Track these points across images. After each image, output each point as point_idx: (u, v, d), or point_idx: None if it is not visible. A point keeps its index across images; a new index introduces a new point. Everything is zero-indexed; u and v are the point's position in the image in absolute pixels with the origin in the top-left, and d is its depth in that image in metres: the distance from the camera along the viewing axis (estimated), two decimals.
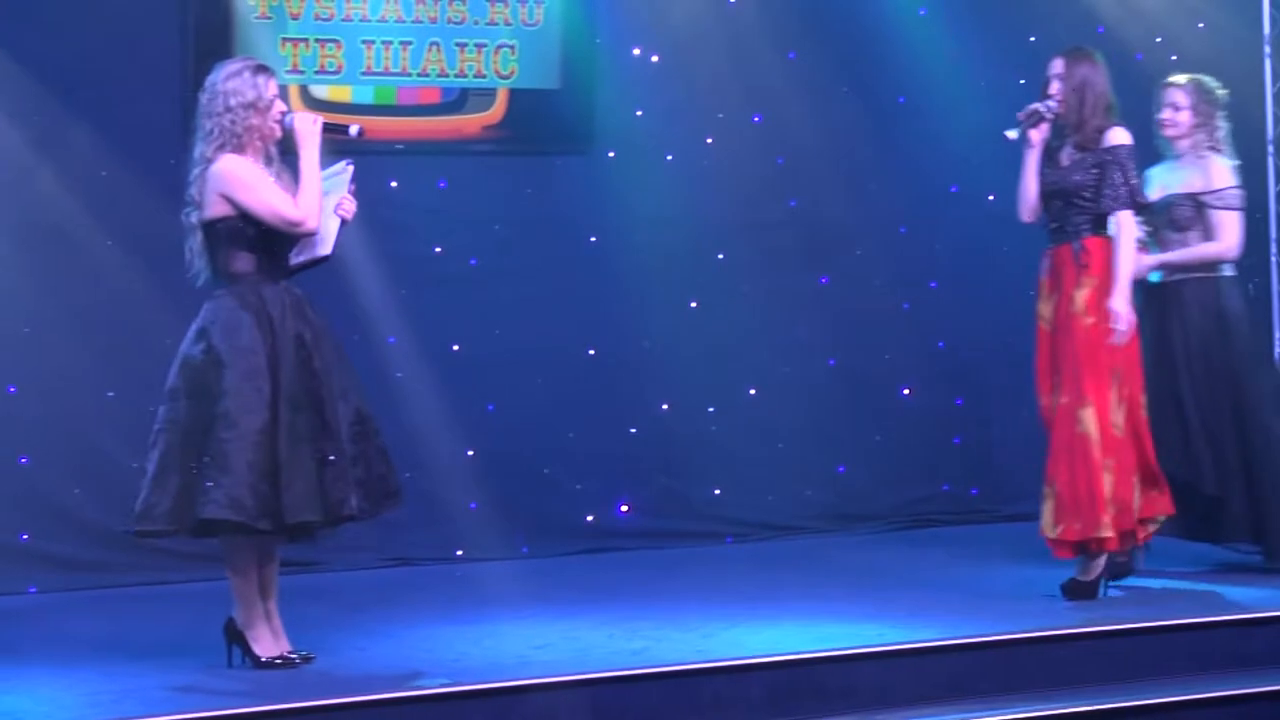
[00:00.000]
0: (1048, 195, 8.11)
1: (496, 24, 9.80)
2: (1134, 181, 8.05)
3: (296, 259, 7.16)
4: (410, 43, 9.68)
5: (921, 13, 10.55)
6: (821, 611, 7.94)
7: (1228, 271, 8.71)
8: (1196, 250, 8.63)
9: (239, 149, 6.95)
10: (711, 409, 10.09)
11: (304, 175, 7.00)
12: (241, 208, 6.91)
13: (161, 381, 7.06)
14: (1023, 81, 10.59)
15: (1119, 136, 8.06)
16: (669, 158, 9.96)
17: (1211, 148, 8.70)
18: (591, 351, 9.74)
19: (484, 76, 9.74)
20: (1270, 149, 11.17)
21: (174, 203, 7.10)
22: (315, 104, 9.51)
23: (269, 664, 7.02)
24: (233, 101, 6.95)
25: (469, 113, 9.77)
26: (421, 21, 9.70)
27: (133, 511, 6.95)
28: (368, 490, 7.07)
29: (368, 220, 9.10)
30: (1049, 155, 8.15)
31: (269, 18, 9.42)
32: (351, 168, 7.20)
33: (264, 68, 7.09)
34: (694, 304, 10.05)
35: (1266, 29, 11.19)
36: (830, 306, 10.27)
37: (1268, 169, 11.17)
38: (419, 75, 9.71)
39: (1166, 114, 8.67)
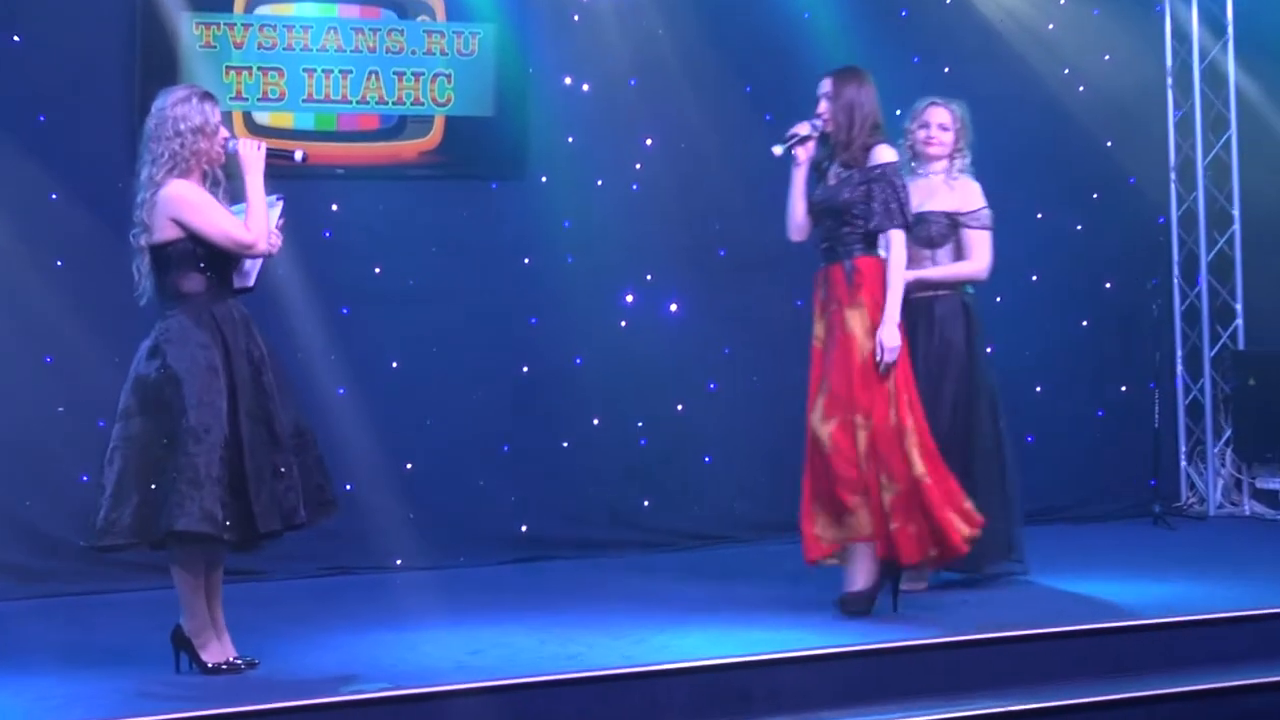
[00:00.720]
0: (818, 213, 7.95)
1: (433, 54, 9.82)
2: (904, 199, 7.88)
3: None
4: (350, 71, 9.68)
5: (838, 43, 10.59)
6: (745, 619, 7.96)
7: (970, 289, 8.65)
8: (954, 269, 8.56)
9: (186, 173, 6.94)
10: (640, 423, 10.10)
11: (251, 199, 7.00)
12: (192, 231, 6.90)
13: (110, 397, 7.07)
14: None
15: (885, 154, 7.90)
16: (599, 182, 9.99)
17: (963, 170, 8.65)
18: (525, 368, 9.75)
19: (421, 104, 9.75)
20: (1173, 175, 11.29)
21: (121, 224, 7.08)
22: (259, 129, 9.49)
23: (215, 670, 7.01)
24: (181, 126, 6.93)
25: (407, 139, 9.78)
26: (361, 51, 9.70)
27: (92, 526, 6.92)
28: (308, 499, 7.06)
29: (311, 241, 9.27)
30: (818, 174, 8.01)
31: (213, 46, 9.40)
32: (281, 203, 7.20)
33: (209, 95, 7.09)
34: (623, 323, 10.06)
35: (1169, 62, 11.30)
36: (755, 325, 10.26)
37: (1170, 194, 11.28)
38: (359, 102, 9.71)
39: (934, 132, 8.57)
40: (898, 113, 10.22)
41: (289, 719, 6.57)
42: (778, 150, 7.92)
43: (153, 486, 6.81)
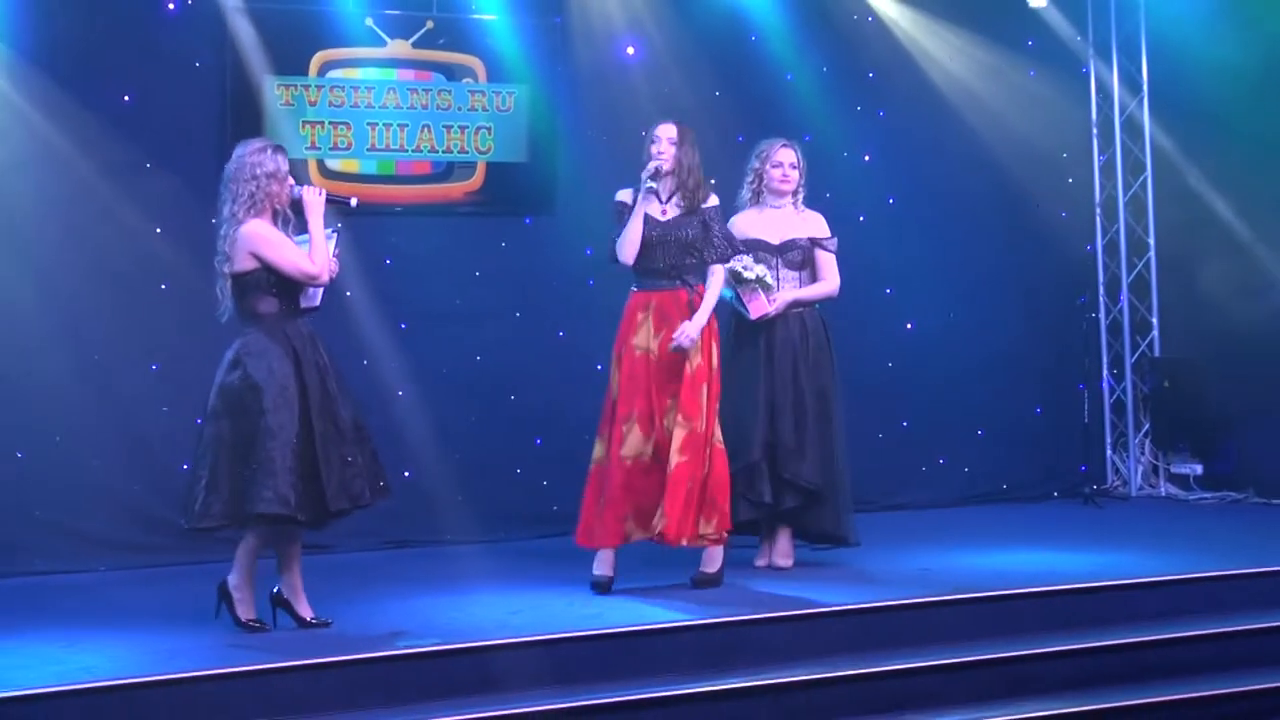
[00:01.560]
0: (655, 244, 7.76)
1: (476, 110, 9.80)
2: (730, 237, 7.93)
3: None
4: (406, 125, 9.66)
5: (818, 99, 10.56)
6: (733, 588, 7.87)
7: (818, 305, 8.53)
8: (820, 289, 8.39)
9: (260, 212, 6.97)
10: None
11: (313, 236, 7.03)
12: (267, 263, 6.94)
13: (201, 400, 7.07)
14: (901, 155, 10.77)
15: (714, 199, 7.90)
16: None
17: (804, 202, 8.52)
18: (554, 375, 9.72)
19: (466, 152, 9.73)
20: (1098, 210, 11.29)
21: (211, 254, 7.08)
22: (330, 174, 9.50)
23: (247, 625, 7.05)
24: (258, 171, 6.97)
25: (454, 181, 9.76)
26: (415, 108, 9.67)
27: (191, 511, 6.97)
28: (370, 484, 7.10)
29: (375, 268, 9.30)
30: (641, 203, 7.81)
31: (292, 104, 9.39)
32: (337, 235, 7.23)
33: (280, 147, 7.13)
34: None
35: (1093, 114, 11.29)
36: None
37: (1096, 226, 11.27)
38: (413, 151, 9.69)
39: (786, 170, 8.37)
40: (866, 158, 10.31)
41: (356, 669, 6.55)
42: (652, 184, 7.81)
43: (239, 477, 6.86)
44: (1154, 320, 11.23)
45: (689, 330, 7.67)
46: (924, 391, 10.78)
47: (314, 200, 7.07)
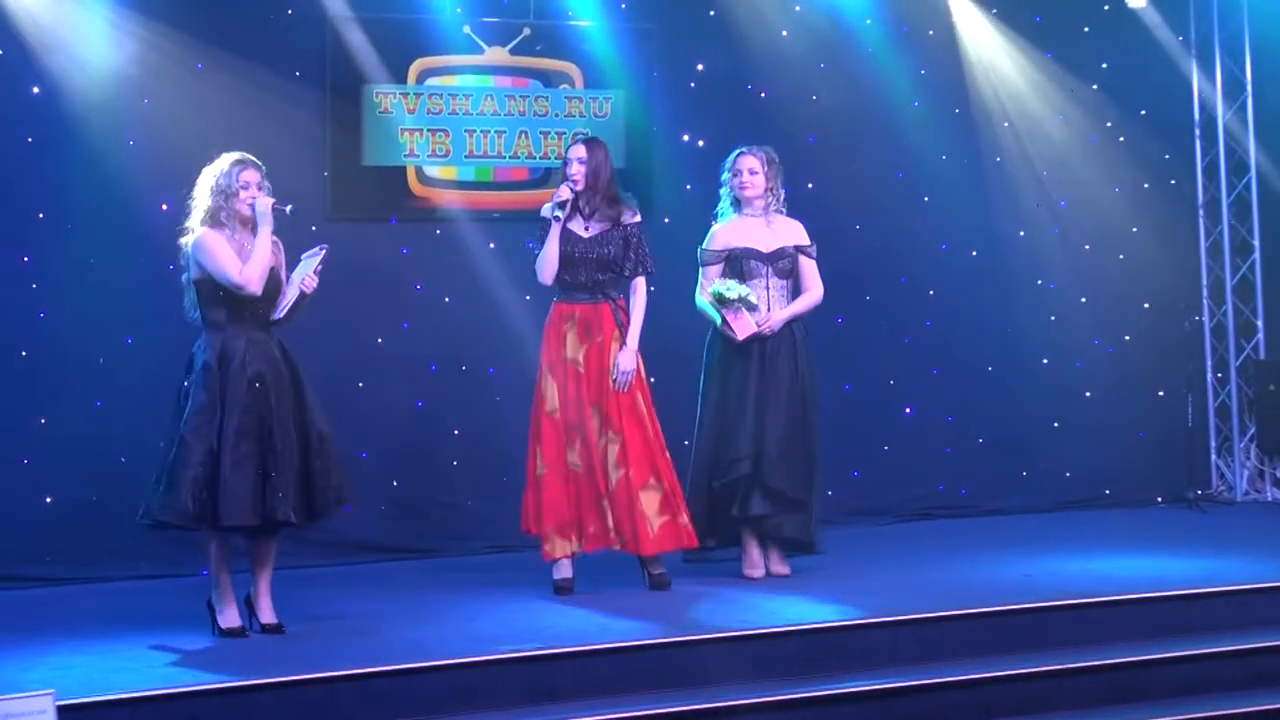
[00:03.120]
0: (578, 261, 7.98)
1: (573, 116, 9.81)
2: (647, 252, 8.06)
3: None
4: (504, 132, 9.68)
5: (916, 104, 10.53)
6: (841, 589, 7.85)
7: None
8: (808, 299, 8.32)
9: (217, 225, 7.13)
10: None
11: (257, 247, 7.14)
12: (205, 271, 7.10)
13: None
14: (998, 159, 10.69)
15: (632, 215, 8.06)
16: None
17: (778, 209, 8.39)
18: (652, 380, 9.65)
19: (563, 158, 9.70)
20: (1201, 212, 11.12)
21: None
22: (428, 181, 9.54)
23: (227, 633, 7.13)
24: (216, 184, 7.18)
25: (552, 187, 9.68)
26: (513, 114, 9.71)
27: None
28: (324, 495, 7.17)
29: (474, 274, 9.34)
30: (567, 226, 8.01)
31: (390, 112, 9.44)
32: (324, 251, 7.32)
33: (243, 161, 7.24)
34: None
35: (1196, 116, 11.13)
36: (845, 342, 10.18)
37: (1199, 228, 11.11)
38: (511, 157, 9.71)
39: (745, 178, 8.29)
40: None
41: (457, 673, 6.55)
42: (546, 211, 8.00)
43: (154, 479, 7.05)
44: (1259, 323, 11.05)
45: (624, 364, 7.95)
46: (1024, 396, 10.68)
47: (263, 211, 7.19)
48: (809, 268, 8.37)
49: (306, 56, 9.28)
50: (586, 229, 8.03)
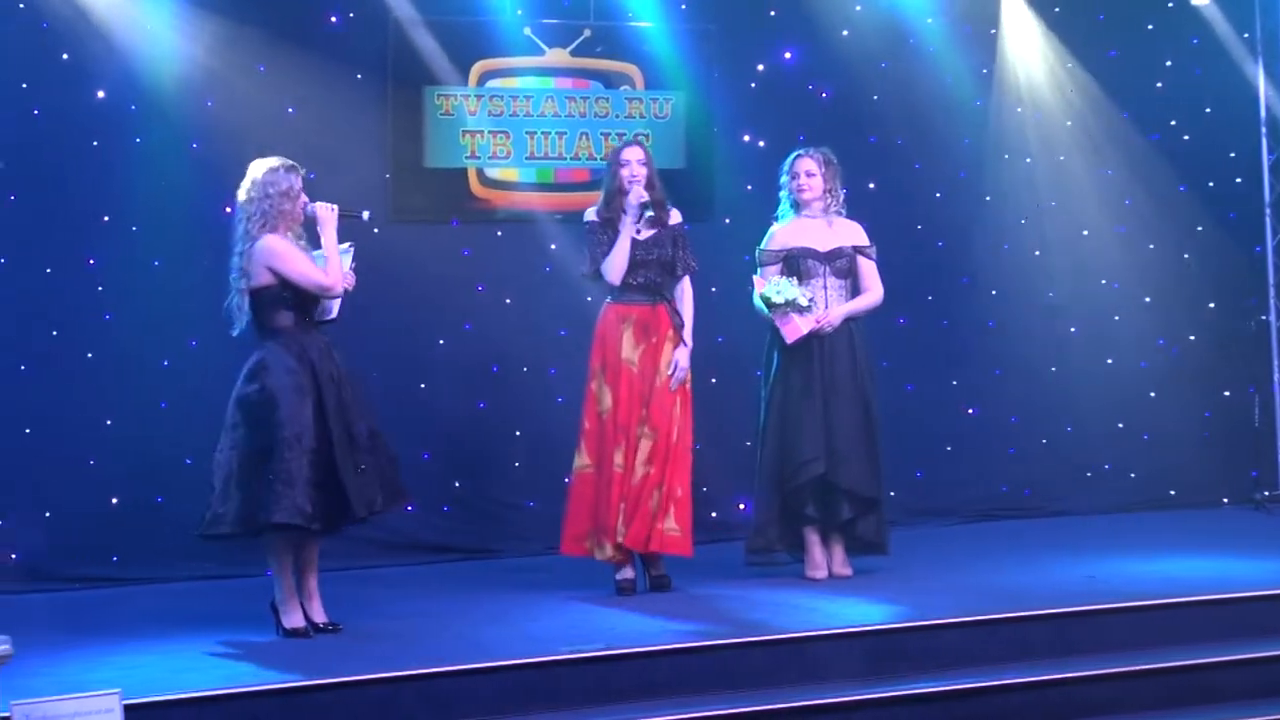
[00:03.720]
0: (637, 263, 8.01)
1: (634, 117, 9.79)
2: (691, 251, 8.12)
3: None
4: (565, 133, 9.68)
5: (978, 103, 10.47)
6: (904, 590, 7.82)
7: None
8: (868, 299, 8.30)
9: (274, 229, 7.12)
10: None
11: (327, 251, 7.20)
12: (283, 276, 7.10)
13: None
14: (1062, 157, 10.61)
15: (678, 215, 8.14)
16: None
17: (838, 210, 8.36)
18: (713, 380, 9.64)
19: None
20: (1267, 210, 10.98)
21: (375, 260, 7.28)
22: (490, 183, 9.55)
23: (291, 633, 7.15)
24: (271, 190, 7.16)
25: None
26: (574, 116, 9.71)
27: (202, 519, 7.12)
28: (384, 491, 7.23)
29: (536, 274, 9.50)
30: (609, 228, 8.04)
31: (451, 114, 9.46)
32: (352, 249, 7.37)
33: (293, 166, 7.27)
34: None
35: (1263, 113, 11.01)
36: (907, 342, 10.15)
37: (1265, 227, 10.98)
38: (572, 159, 9.70)
39: (803, 180, 8.28)
40: (1027, 160, 10.12)
41: (518, 674, 6.54)
42: (649, 212, 8.02)
43: (252, 487, 7.00)
44: None
45: (684, 361, 8.02)
46: (1088, 395, 10.60)
47: (326, 215, 7.23)
48: (868, 269, 8.35)
49: (368, 58, 9.32)
50: (639, 231, 8.06)
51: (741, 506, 9.52)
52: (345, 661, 6.65)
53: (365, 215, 7.46)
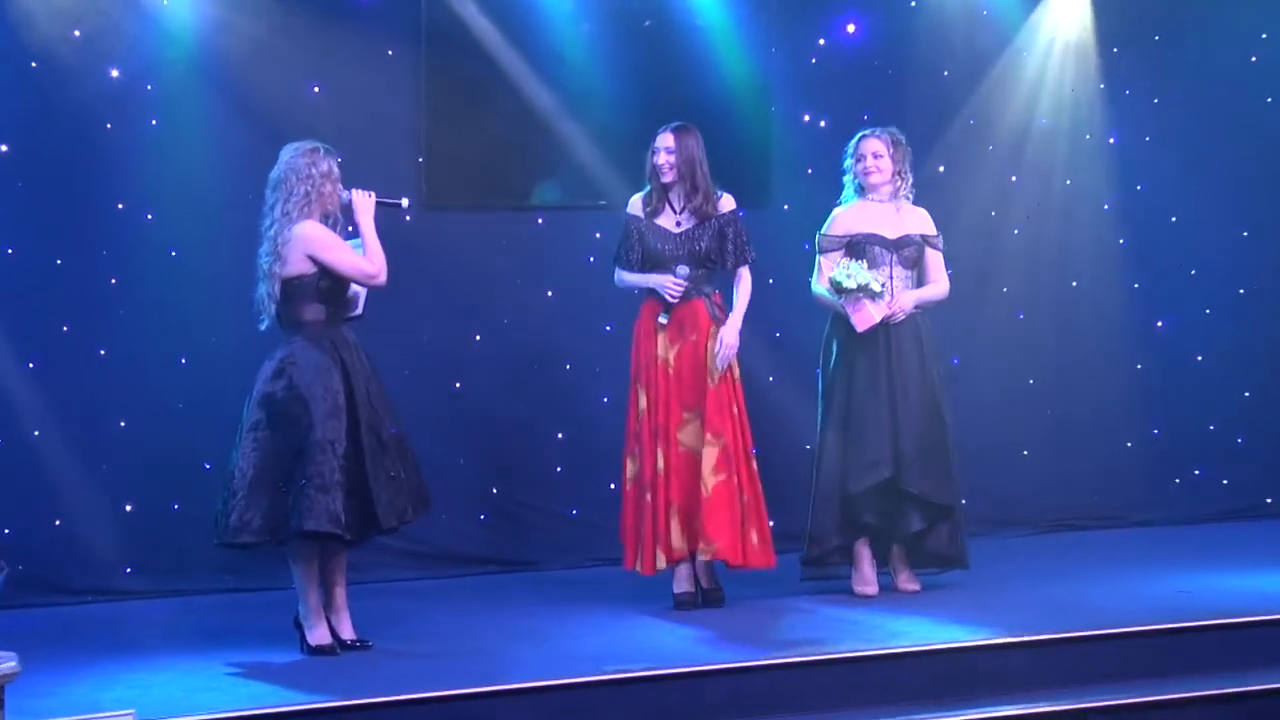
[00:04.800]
0: (668, 258, 8.07)
1: None
2: (746, 241, 8.14)
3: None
4: None
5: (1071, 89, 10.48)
6: (974, 606, 7.83)
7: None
8: (935, 290, 8.33)
9: (312, 214, 7.17)
10: None
11: (367, 239, 7.25)
12: (324, 265, 7.16)
13: None
14: (1147, 138, 10.56)
15: (729, 203, 8.14)
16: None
17: (906, 194, 8.38)
18: (771, 379, 9.65)
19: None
20: None
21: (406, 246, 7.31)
22: None
23: (317, 650, 7.18)
24: (312, 172, 7.24)
25: None
26: None
27: (223, 526, 7.15)
28: (411, 499, 7.28)
29: (579, 265, 9.49)
30: (653, 219, 8.13)
31: None
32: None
33: (329, 149, 7.33)
34: None
35: None
36: (980, 338, 10.16)
37: None
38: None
39: (869, 163, 8.30)
40: (1111, 141, 10.08)
41: (559, 695, 6.59)
42: (662, 321, 8.14)
43: (282, 492, 7.04)
44: None
45: (727, 338, 8.02)
46: (1177, 396, 10.56)
47: (364, 202, 7.30)
48: (934, 260, 8.36)
49: (399, 36, 9.30)
50: (678, 224, 8.11)
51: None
52: (374, 681, 6.70)
53: (404, 203, 7.54)
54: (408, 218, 8.44)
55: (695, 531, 7.98)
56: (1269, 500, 10.62)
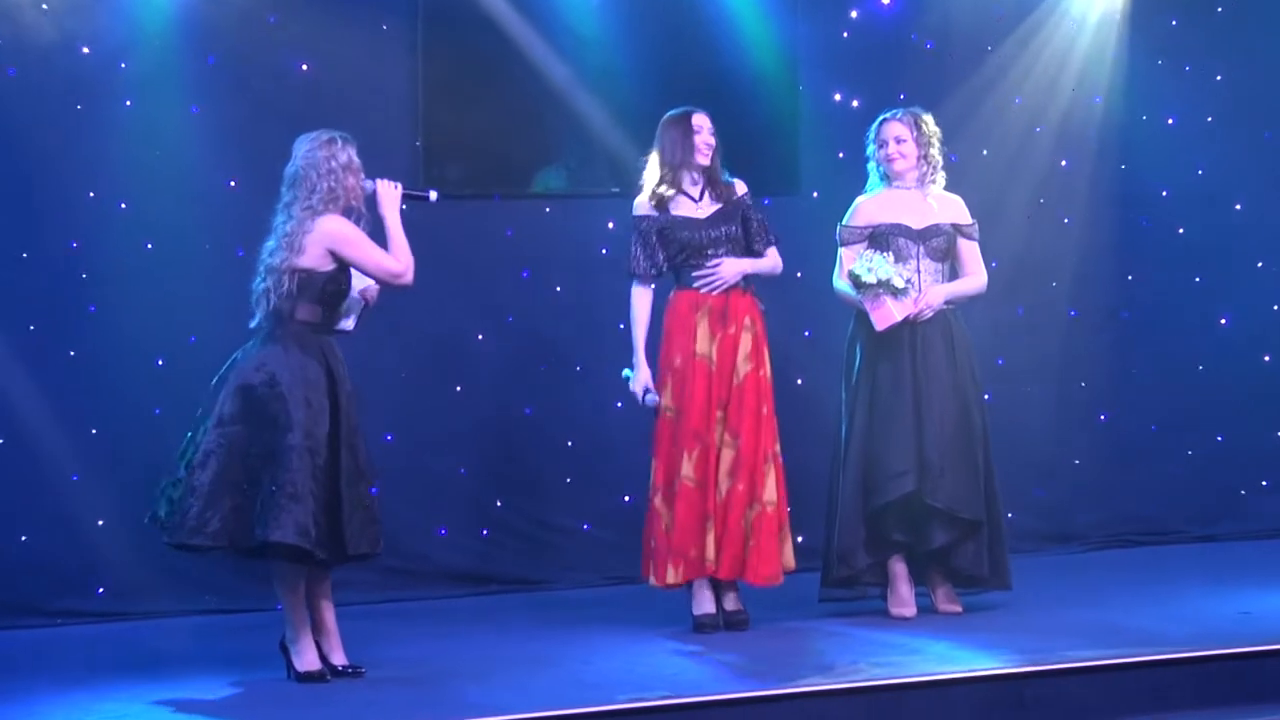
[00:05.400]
0: (700, 244, 8.03)
1: None
2: (765, 220, 8.23)
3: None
4: None
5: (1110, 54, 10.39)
6: (1020, 629, 7.75)
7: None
8: (971, 284, 8.27)
9: (336, 209, 7.12)
10: None
11: (392, 233, 7.21)
12: (348, 261, 7.13)
13: None
14: (1210, 119, 10.46)
15: (743, 187, 8.20)
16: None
17: (933, 180, 8.29)
18: (799, 380, 9.55)
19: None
20: None
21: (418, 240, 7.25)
22: None
23: (305, 677, 7.12)
24: (334, 164, 7.16)
25: None
26: None
27: (178, 524, 7.00)
28: (379, 531, 7.25)
29: (592, 258, 9.54)
30: (660, 208, 8.08)
31: None
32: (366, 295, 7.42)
33: (348, 138, 7.28)
34: None
35: None
36: (1026, 336, 10.12)
37: None
38: None
39: (891, 148, 8.23)
40: (1170, 121, 9.96)
41: None
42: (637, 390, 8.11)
43: (247, 495, 6.95)
44: None
45: (742, 268, 8.04)
46: (1242, 400, 10.54)
47: (388, 194, 7.26)
48: (969, 251, 8.28)
49: (396, 6, 9.30)
50: (704, 209, 8.07)
51: None
52: (367, 710, 6.67)
53: (433, 196, 7.50)
54: (404, 206, 8.30)
55: (693, 549, 7.94)
56: None
